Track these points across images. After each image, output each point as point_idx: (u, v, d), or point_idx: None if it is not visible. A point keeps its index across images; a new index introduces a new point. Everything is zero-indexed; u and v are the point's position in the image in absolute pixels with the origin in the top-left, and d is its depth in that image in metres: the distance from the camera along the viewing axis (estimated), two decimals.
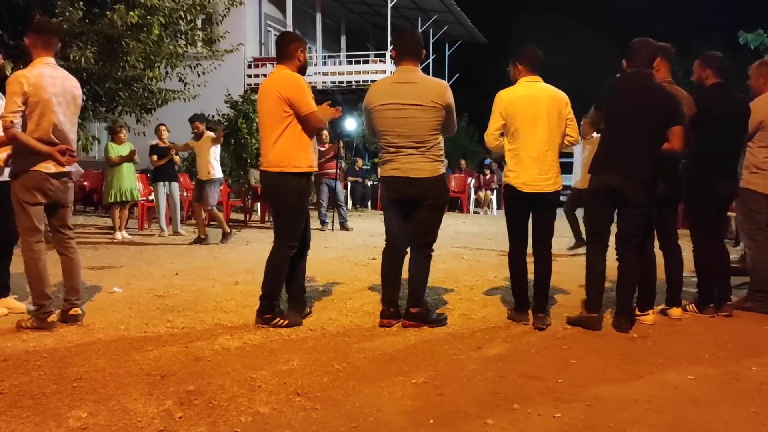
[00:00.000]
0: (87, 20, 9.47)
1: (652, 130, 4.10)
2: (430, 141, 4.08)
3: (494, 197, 16.72)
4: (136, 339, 3.87)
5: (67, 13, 9.18)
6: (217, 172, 8.93)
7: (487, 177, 17.00)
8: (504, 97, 4.28)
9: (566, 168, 4.84)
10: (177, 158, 9.83)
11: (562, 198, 4.42)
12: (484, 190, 16.87)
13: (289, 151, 4.08)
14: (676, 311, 4.57)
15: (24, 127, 3.89)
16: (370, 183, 16.85)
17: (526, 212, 4.36)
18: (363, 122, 18.37)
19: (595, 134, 6.92)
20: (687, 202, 4.70)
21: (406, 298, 4.26)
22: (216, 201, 9.04)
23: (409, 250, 4.26)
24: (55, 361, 3.40)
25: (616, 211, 4.26)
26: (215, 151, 8.92)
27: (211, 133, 8.98)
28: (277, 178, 4.12)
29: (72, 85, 4.14)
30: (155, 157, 9.43)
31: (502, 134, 4.33)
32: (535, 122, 4.20)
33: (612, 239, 4.27)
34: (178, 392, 2.99)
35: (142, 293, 5.21)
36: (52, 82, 3.95)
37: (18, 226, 4.03)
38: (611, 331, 4.18)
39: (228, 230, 9.00)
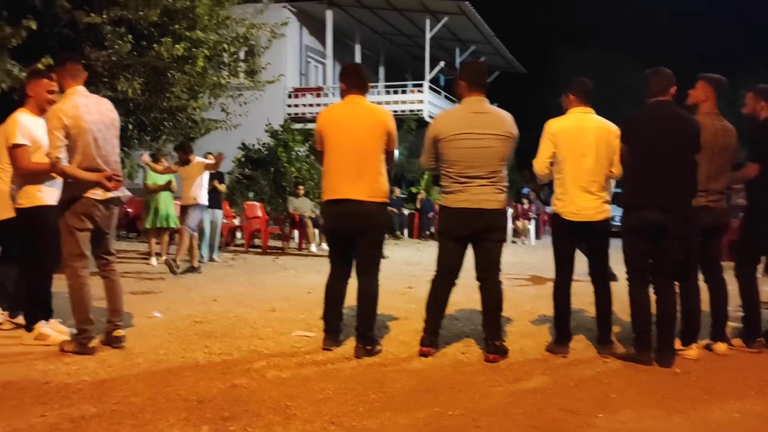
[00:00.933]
0: (135, 53, 9.81)
1: (683, 159, 4.04)
2: (501, 171, 4.11)
3: (532, 227, 16.55)
4: (174, 364, 3.92)
5: (116, 46, 9.52)
6: (202, 199, 8.66)
7: (525, 206, 16.87)
8: (553, 126, 4.29)
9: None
10: (222, 187, 9.99)
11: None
12: (521, 219, 16.73)
13: (386, 182, 4.18)
14: (721, 346, 4.42)
15: (70, 159, 4.02)
16: (407, 212, 16.87)
17: (574, 242, 4.33)
18: (403, 151, 18.20)
19: None
20: (745, 233, 4.62)
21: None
22: (196, 226, 8.71)
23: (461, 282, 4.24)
24: (95, 385, 3.47)
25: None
26: (204, 178, 8.72)
27: (204, 159, 8.89)
28: (379, 208, 4.16)
29: (107, 108, 4.29)
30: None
31: (551, 163, 4.33)
32: (584, 153, 4.20)
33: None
34: (214, 418, 3.01)
35: (181, 318, 5.28)
36: (87, 110, 4.09)
37: (64, 252, 4.15)
38: (653, 366, 4.07)
39: (196, 265, 8.55)
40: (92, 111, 4.12)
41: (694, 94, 4.43)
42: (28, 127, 4.32)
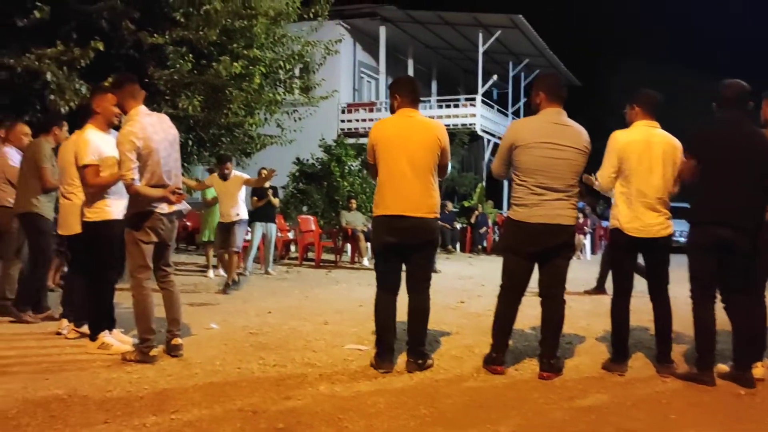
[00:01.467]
0: (195, 71, 10.13)
1: (753, 174, 3.94)
2: (575, 186, 4.06)
3: (587, 241, 16.22)
4: (230, 375, 4.00)
5: (178, 65, 9.85)
6: (244, 214, 8.29)
7: (580, 221, 16.55)
8: (621, 139, 4.21)
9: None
10: (276, 201, 10.16)
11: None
12: (576, 234, 16.40)
13: (438, 197, 4.18)
14: None
15: (140, 177, 4.18)
16: (459, 226, 16.79)
17: (635, 258, 4.24)
18: (456, 164, 18.07)
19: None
20: None
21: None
22: (242, 243, 8.42)
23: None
24: (155, 394, 3.57)
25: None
26: (243, 193, 8.38)
27: (244, 174, 8.61)
28: (433, 223, 4.16)
29: (168, 125, 4.44)
30: (255, 198, 9.81)
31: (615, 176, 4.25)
32: (651, 168, 4.12)
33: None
34: (269, 429, 3.06)
35: (237, 330, 5.39)
36: (153, 130, 4.25)
37: (129, 264, 4.31)
38: (716, 386, 3.92)
39: (236, 279, 8.08)
40: (157, 130, 4.28)
41: (762, 113, 4.32)
42: (97, 144, 4.48)
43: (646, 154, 4.13)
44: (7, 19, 8.60)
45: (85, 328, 4.78)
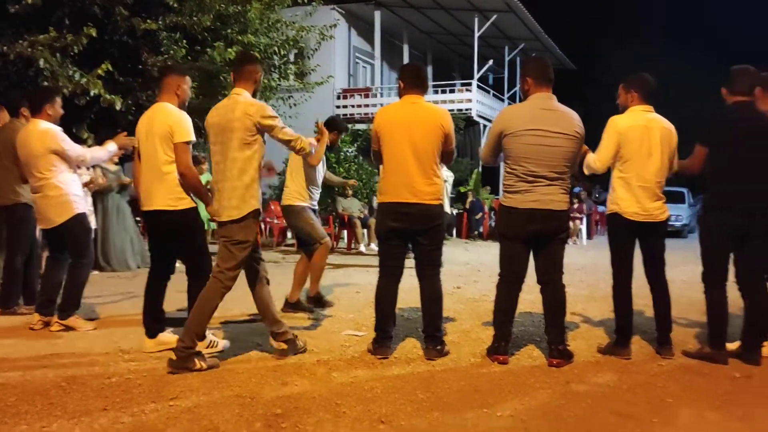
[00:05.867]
0: (189, 57, 10.07)
1: (765, 160, 4.02)
2: (567, 172, 4.04)
3: (584, 227, 16.26)
4: (228, 361, 4.01)
5: (172, 51, 9.79)
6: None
7: (576, 206, 16.58)
8: (620, 124, 4.21)
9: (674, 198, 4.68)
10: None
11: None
12: (573, 219, 16.45)
13: (442, 183, 4.16)
14: None
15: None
16: (455, 212, 16.79)
17: (634, 242, 4.27)
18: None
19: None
20: None
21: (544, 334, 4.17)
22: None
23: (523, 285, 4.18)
24: (154, 381, 3.59)
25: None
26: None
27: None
28: (438, 208, 4.13)
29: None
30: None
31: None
32: (651, 153, 4.16)
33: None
34: (267, 415, 3.08)
35: (234, 316, 5.40)
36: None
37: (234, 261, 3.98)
38: (710, 370, 3.97)
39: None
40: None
41: (761, 101, 4.34)
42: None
43: (645, 139, 4.15)
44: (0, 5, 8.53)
45: (71, 320, 4.78)
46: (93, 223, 7.12)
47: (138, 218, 11.28)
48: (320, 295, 5.77)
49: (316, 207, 5.68)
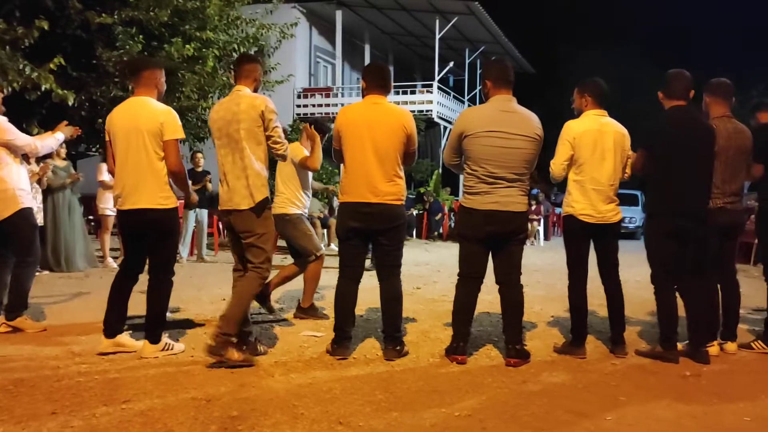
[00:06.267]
0: (146, 53, 9.87)
1: (702, 164, 4.17)
2: (526, 174, 4.07)
3: (541, 228, 16.51)
4: (183, 363, 3.94)
5: (127, 46, 9.59)
6: None
7: (533, 208, 16.83)
8: (574, 129, 4.28)
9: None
10: (210, 185, 9.88)
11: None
12: (530, 221, 16.68)
13: (404, 183, 4.16)
14: (731, 346, 4.50)
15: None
16: (415, 212, 16.87)
17: (589, 244, 4.35)
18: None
19: None
20: (760, 234, 4.70)
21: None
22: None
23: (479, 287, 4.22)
24: (106, 383, 3.49)
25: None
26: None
27: None
28: (400, 209, 4.14)
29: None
30: (189, 182, 9.54)
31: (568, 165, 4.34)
32: (604, 156, 4.24)
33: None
34: (223, 417, 3.02)
35: (191, 318, 5.31)
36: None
37: (270, 256, 4.07)
38: (662, 368, 4.06)
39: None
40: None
41: (704, 104, 4.53)
42: None
43: (599, 143, 4.23)
44: None
45: (19, 321, 4.61)
46: (40, 220, 6.93)
47: (90, 217, 11.04)
48: (314, 306, 5.52)
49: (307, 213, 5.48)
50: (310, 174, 5.43)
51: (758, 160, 4.45)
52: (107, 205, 8.58)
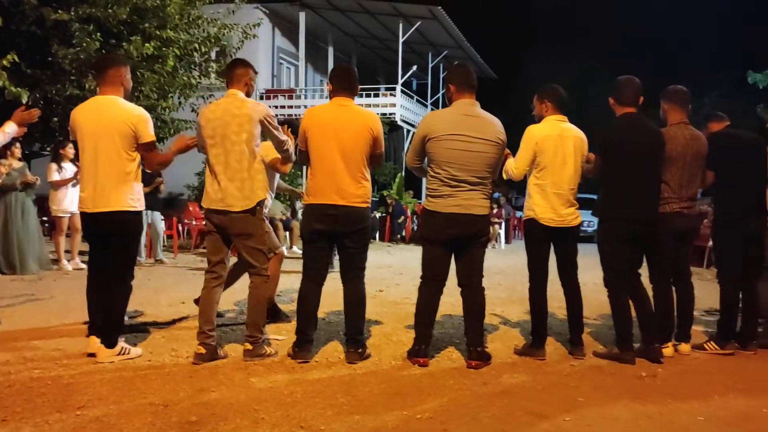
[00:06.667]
0: (103, 51, 9.66)
1: (652, 170, 4.32)
2: (488, 178, 4.10)
3: (502, 231, 16.69)
4: (140, 367, 3.86)
5: (85, 44, 9.37)
6: None
7: (495, 211, 17.01)
8: (536, 134, 4.33)
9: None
10: (163, 187, 9.67)
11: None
12: (492, 224, 16.84)
13: (369, 185, 4.15)
14: (685, 347, 4.61)
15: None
16: (378, 215, 16.88)
17: (549, 246, 4.42)
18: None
19: None
20: (715, 238, 4.87)
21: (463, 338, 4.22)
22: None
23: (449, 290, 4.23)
24: (59, 389, 3.40)
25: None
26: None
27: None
28: (365, 211, 4.14)
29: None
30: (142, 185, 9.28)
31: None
32: (565, 161, 4.31)
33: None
34: (181, 422, 2.97)
35: (147, 321, 5.20)
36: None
37: (257, 261, 4.16)
38: (619, 369, 4.14)
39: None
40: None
41: (661, 111, 4.64)
42: None
43: (560, 148, 4.30)
44: None
45: None
46: None
47: (44, 218, 10.73)
48: (276, 307, 5.49)
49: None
50: (277, 175, 5.37)
51: (710, 167, 4.58)
52: (60, 207, 8.36)
